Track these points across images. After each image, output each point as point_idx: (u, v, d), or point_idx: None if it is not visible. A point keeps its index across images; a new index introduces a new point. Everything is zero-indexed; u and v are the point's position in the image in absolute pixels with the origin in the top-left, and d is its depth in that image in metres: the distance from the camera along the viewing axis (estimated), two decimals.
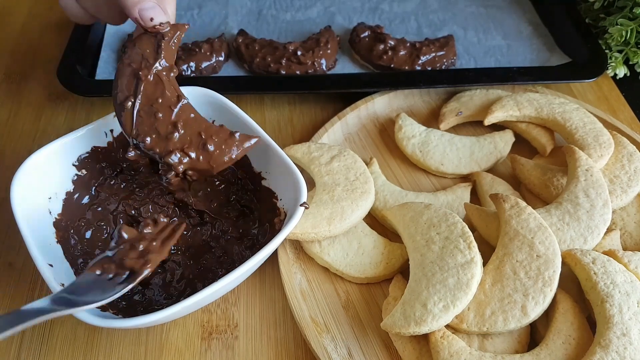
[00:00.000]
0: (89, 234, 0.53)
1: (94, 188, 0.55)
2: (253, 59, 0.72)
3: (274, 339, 0.51)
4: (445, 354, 0.45)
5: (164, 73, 0.47)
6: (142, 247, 0.44)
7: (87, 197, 0.55)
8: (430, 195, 0.59)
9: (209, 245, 0.54)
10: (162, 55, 0.47)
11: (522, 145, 0.65)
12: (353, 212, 0.53)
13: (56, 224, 0.51)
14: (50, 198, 0.52)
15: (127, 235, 0.45)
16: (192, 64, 0.71)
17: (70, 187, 0.54)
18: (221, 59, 0.74)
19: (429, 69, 0.72)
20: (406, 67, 0.71)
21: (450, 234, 0.49)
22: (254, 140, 0.48)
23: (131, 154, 0.49)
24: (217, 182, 0.57)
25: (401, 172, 0.64)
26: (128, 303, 0.49)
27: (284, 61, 0.71)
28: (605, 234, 0.53)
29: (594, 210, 0.52)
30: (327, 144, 0.60)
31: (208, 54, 0.72)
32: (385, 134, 0.68)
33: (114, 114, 0.54)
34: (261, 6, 0.84)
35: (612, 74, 0.75)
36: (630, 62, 0.75)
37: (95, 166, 0.55)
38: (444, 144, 0.63)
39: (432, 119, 0.69)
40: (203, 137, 0.47)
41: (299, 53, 0.71)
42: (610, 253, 0.49)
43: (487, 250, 0.51)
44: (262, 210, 0.55)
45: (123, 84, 0.47)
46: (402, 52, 0.72)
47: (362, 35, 0.74)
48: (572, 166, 0.56)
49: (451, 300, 0.45)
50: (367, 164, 0.61)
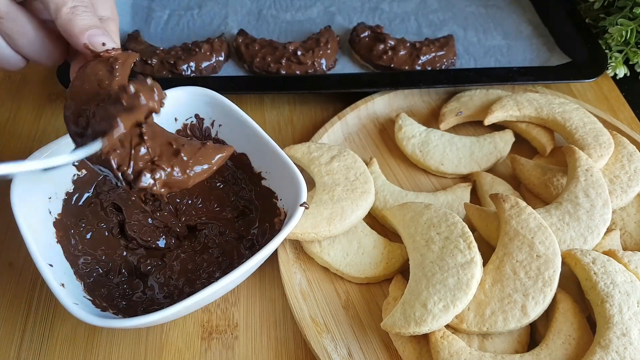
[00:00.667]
0: (89, 234, 0.53)
1: (93, 188, 0.55)
2: (253, 59, 0.72)
3: (274, 339, 0.51)
4: (445, 354, 0.45)
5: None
6: None
7: (86, 197, 0.55)
8: (430, 195, 0.59)
9: (208, 246, 0.54)
10: (118, 76, 0.42)
11: (522, 145, 0.65)
12: (353, 212, 0.53)
13: (56, 224, 0.51)
14: (50, 198, 0.52)
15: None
16: (192, 64, 0.71)
17: (70, 187, 0.54)
18: (221, 59, 0.74)
19: (429, 69, 0.72)
20: (406, 67, 0.71)
21: (450, 234, 0.49)
22: (228, 151, 0.44)
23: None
24: (217, 183, 0.57)
25: (401, 172, 0.64)
26: (128, 303, 0.49)
27: (284, 61, 0.71)
28: (605, 234, 0.53)
29: (594, 210, 0.52)
30: (327, 144, 0.60)
31: (208, 54, 0.72)
32: (385, 134, 0.68)
33: None
34: (261, 6, 0.84)
35: (612, 74, 0.75)
36: (630, 62, 0.75)
37: None
38: (444, 144, 0.63)
39: (432, 119, 0.69)
40: (174, 146, 0.42)
41: (299, 53, 0.71)
42: (610, 253, 0.49)
43: (487, 250, 0.51)
44: (262, 210, 0.55)
45: (78, 111, 0.42)
46: (402, 52, 0.72)
47: (362, 35, 0.74)
48: (572, 166, 0.56)
49: (451, 300, 0.45)
50: (367, 164, 0.60)
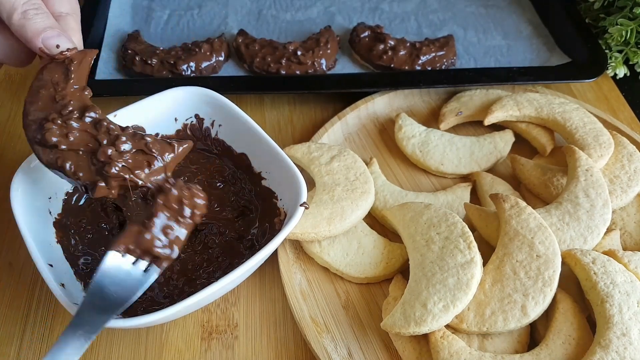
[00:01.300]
0: (89, 234, 0.53)
1: None
2: (253, 59, 0.72)
3: (274, 339, 0.51)
4: (445, 354, 0.45)
5: (78, 94, 0.44)
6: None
7: (86, 197, 0.55)
8: (430, 195, 0.59)
9: (208, 246, 0.54)
10: (73, 78, 0.44)
11: (522, 145, 0.65)
12: (353, 212, 0.53)
13: (56, 224, 0.51)
14: (50, 198, 0.52)
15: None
16: (192, 64, 0.71)
17: (70, 187, 0.54)
18: (221, 59, 0.74)
19: (429, 69, 0.72)
20: (406, 67, 0.71)
21: (450, 234, 0.49)
22: (187, 145, 0.45)
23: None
24: (217, 183, 0.57)
25: (401, 172, 0.64)
26: None
27: (284, 61, 0.71)
28: (605, 234, 0.53)
29: (594, 210, 0.52)
30: (327, 144, 0.60)
31: (208, 54, 0.72)
32: (385, 134, 0.68)
33: (114, 114, 0.54)
34: (261, 6, 0.84)
35: (612, 74, 0.75)
36: (630, 62, 0.75)
37: None
38: (444, 144, 0.63)
39: (432, 119, 0.69)
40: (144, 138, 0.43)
41: (299, 53, 0.71)
42: (610, 253, 0.49)
43: (487, 250, 0.51)
44: (262, 210, 0.55)
45: (35, 116, 0.43)
46: (402, 52, 0.72)
47: (362, 35, 0.74)
48: (572, 166, 0.56)
49: (451, 300, 0.45)
50: (367, 164, 0.60)
